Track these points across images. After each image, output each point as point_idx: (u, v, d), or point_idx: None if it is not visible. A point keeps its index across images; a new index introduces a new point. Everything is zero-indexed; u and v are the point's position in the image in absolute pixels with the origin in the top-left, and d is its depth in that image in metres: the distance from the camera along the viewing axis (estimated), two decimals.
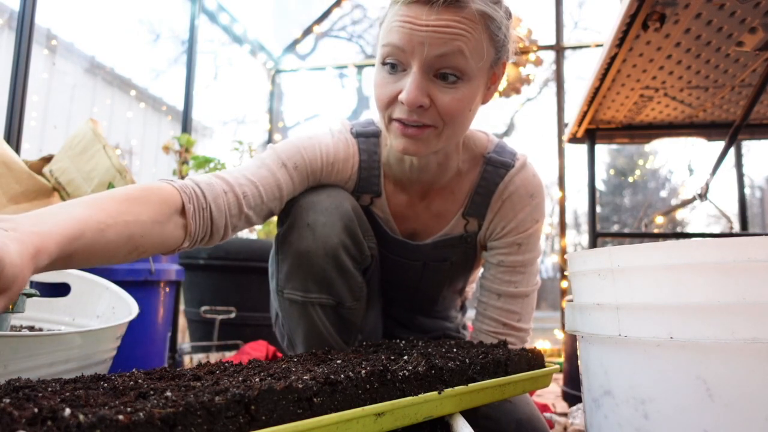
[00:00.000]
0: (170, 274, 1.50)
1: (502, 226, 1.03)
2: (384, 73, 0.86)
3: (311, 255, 0.91)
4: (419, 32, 0.80)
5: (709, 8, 1.11)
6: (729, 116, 1.83)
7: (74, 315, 1.05)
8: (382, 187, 1.03)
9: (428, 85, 0.83)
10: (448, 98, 0.83)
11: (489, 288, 1.04)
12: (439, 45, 0.80)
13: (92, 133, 1.41)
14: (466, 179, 1.04)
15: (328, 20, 3.78)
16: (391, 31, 0.82)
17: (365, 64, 3.96)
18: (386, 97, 0.86)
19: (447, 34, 0.80)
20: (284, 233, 0.95)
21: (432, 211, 1.05)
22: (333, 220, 0.91)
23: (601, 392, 0.61)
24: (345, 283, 0.95)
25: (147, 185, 0.75)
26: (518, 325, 1.03)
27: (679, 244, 0.54)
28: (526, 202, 1.02)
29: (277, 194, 0.92)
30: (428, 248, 1.06)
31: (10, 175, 1.32)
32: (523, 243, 1.02)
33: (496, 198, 1.03)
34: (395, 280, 1.11)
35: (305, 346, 0.99)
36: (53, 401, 0.43)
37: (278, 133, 3.78)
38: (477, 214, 1.04)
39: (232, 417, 0.44)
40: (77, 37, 4.02)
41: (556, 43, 3.14)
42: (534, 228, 1.03)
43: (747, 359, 0.49)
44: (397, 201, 1.05)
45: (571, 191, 3.65)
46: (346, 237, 0.92)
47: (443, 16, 0.79)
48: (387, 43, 0.83)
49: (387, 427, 0.55)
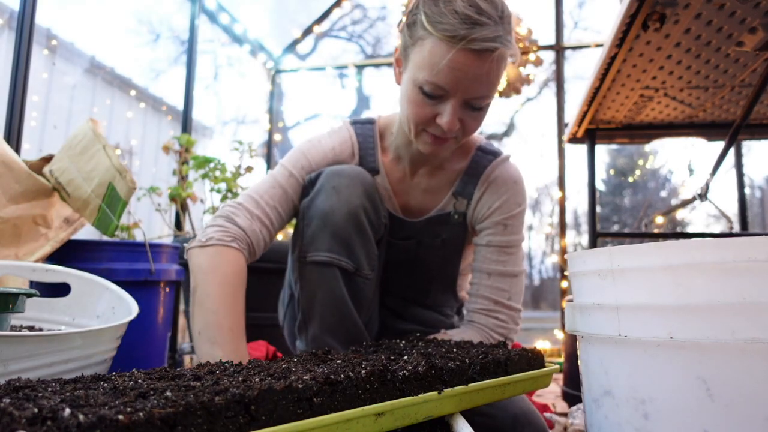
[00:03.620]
0: (170, 274, 1.50)
1: (488, 206, 1.14)
2: (421, 96, 0.97)
3: (335, 213, 1.00)
4: (465, 79, 0.92)
5: (709, 8, 1.11)
6: (729, 116, 1.83)
7: (74, 315, 1.05)
8: (379, 164, 1.17)
9: (461, 112, 0.97)
10: (475, 122, 1.01)
11: (479, 269, 1.13)
12: (478, 90, 0.94)
13: (92, 133, 1.41)
14: (457, 163, 1.18)
15: (328, 20, 3.78)
16: (440, 73, 0.92)
17: (365, 64, 3.96)
18: (424, 117, 0.99)
19: (487, 81, 0.93)
20: (311, 198, 1.04)
21: (425, 188, 1.18)
22: (355, 183, 1.02)
23: (601, 392, 0.61)
24: (363, 246, 1.03)
25: (237, 272, 0.99)
26: (508, 303, 1.10)
27: (679, 244, 0.54)
28: (510, 186, 1.14)
29: (291, 204, 1.11)
30: (422, 224, 1.17)
31: (10, 175, 1.32)
32: (509, 225, 1.13)
33: (482, 180, 1.15)
34: (391, 262, 1.18)
35: (322, 314, 1.01)
36: (53, 401, 0.43)
37: (278, 133, 3.78)
38: (465, 194, 1.16)
39: (232, 417, 0.44)
40: (77, 37, 4.01)
41: (556, 43, 3.14)
42: (518, 210, 1.14)
43: (747, 359, 0.49)
44: (394, 177, 1.18)
45: (571, 191, 3.64)
46: (366, 200, 1.03)
47: (486, 64, 0.91)
48: (433, 82, 0.93)
49: (387, 427, 0.55)
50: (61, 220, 1.44)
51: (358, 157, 1.17)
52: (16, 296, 0.78)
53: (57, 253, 1.38)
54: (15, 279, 1.22)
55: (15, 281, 1.23)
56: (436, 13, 0.91)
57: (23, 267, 1.04)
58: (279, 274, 1.43)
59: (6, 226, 1.30)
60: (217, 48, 4.45)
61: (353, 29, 8.14)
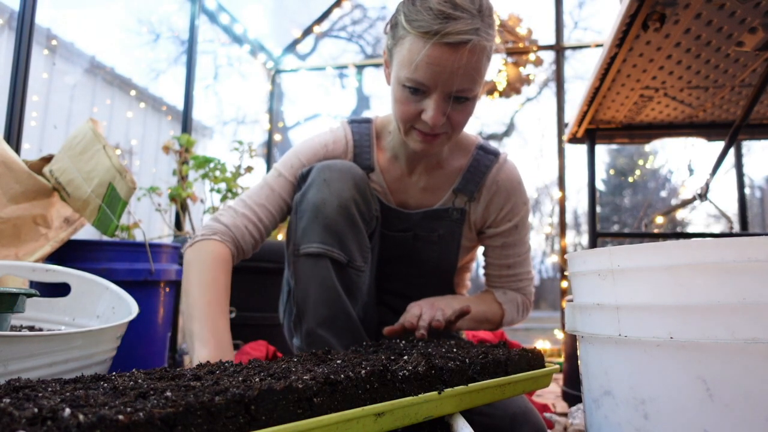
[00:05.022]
0: (170, 274, 1.49)
1: (498, 211, 1.19)
2: (406, 93, 0.99)
3: (326, 205, 1.02)
4: (443, 73, 0.93)
5: (709, 8, 1.11)
6: (729, 116, 1.83)
7: (74, 315, 1.05)
8: (374, 162, 1.19)
9: (446, 106, 0.98)
10: (461, 116, 1.01)
11: (497, 264, 1.23)
12: (458, 82, 0.95)
13: (92, 133, 1.41)
14: (457, 161, 1.20)
15: (328, 20, 3.78)
16: (418, 69, 0.94)
17: (365, 64, 3.96)
18: (410, 114, 1.01)
19: (466, 74, 0.94)
20: (303, 192, 1.06)
21: (424, 186, 1.20)
22: (346, 177, 1.05)
23: (601, 392, 0.61)
24: (355, 238, 1.05)
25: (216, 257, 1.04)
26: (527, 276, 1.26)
27: (679, 244, 0.54)
28: (515, 187, 1.19)
29: (281, 202, 1.14)
30: (418, 217, 1.19)
31: (10, 175, 1.32)
32: (519, 224, 1.21)
33: (489, 183, 1.18)
34: (387, 256, 1.20)
35: (315, 306, 1.02)
36: (53, 401, 0.43)
37: (278, 133, 3.78)
38: (466, 191, 1.19)
39: (232, 417, 0.44)
40: (77, 37, 4.02)
41: (556, 43, 3.14)
42: (525, 209, 1.21)
43: (747, 359, 0.49)
44: (391, 176, 1.20)
45: (571, 191, 3.66)
46: (357, 193, 1.05)
47: (463, 57, 0.92)
48: (413, 79, 0.95)
49: (387, 427, 0.55)
50: (61, 220, 1.44)
51: (352, 155, 1.19)
52: (16, 296, 0.78)
53: (57, 253, 1.38)
54: (15, 279, 1.22)
55: (15, 281, 1.23)
56: (412, 11, 0.94)
57: (23, 267, 1.04)
58: (278, 274, 1.44)
59: (6, 226, 1.30)
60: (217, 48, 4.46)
61: (353, 29, 8.14)
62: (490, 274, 1.25)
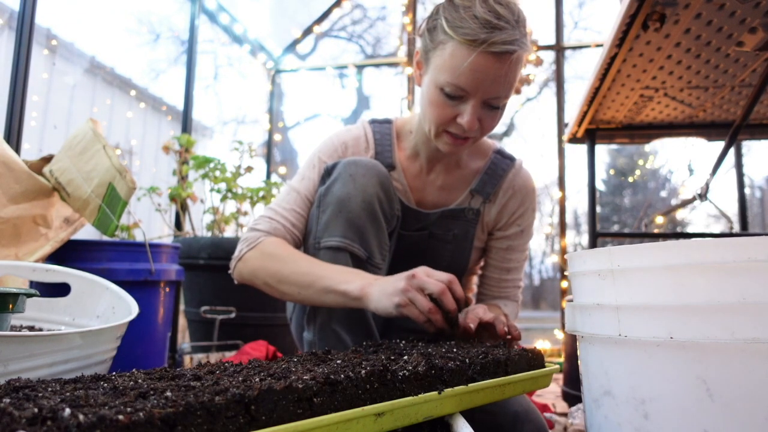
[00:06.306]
0: (170, 274, 1.49)
1: (510, 214, 1.23)
2: (442, 97, 1.01)
3: (351, 200, 1.03)
4: (486, 81, 0.96)
5: (709, 8, 1.11)
6: (729, 116, 1.83)
7: (74, 315, 1.05)
8: (396, 161, 1.21)
9: (482, 112, 1.01)
10: (492, 121, 1.05)
11: (498, 267, 1.26)
12: (497, 90, 0.98)
13: (92, 133, 1.41)
14: (474, 163, 1.23)
15: (328, 20, 3.78)
16: (461, 75, 0.96)
17: (365, 64, 3.96)
18: (445, 118, 1.03)
19: (505, 82, 0.98)
20: (328, 186, 1.07)
21: (441, 185, 1.22)
22: (371, 173, 1.06)
23: (601, 392, 0.61)
24: (376, 235, 1.06)
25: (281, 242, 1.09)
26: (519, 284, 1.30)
27: (679, 244, 0.54)
28: (530, 195, 1.24)
29: (309, 204, 1.15)
30: (435, 216, 1.21)
31: (10, 175, 1.32)
32: (525, 229, 1.25)
33: (506, 186, 1.22)
34: (401, 253, 1.21)
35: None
36: (53, 401, 0.43)
37: (278, 133, 3.78)
38: (483, 192, 1.22)
39: (232, 417, 0.44)
40: (77, 37, 4.01)
41: (556, 43, 3.14)
42: (533, 216, 1.26)
43: (747, 359, 0.49)
44: (411, 174, 1.22)
45: (571, 191, 3.65)
46: (381, 191, 1.06)
47: (505, 66, 0.95)
48: (454, 84, 0.98)
49: (387, 427, 0.55)
50: (61, 220, 1.44)
51: (373, 153, 1.21)
52: (16, 296, 0.78)
53: (57, 253, 1.38)
54: (15, 279, 1.22)
55: (15, 281, 1.23)
56: (456, 18, 0.96)
57: (23, 267, 1.04)
58: None
59: (6, 226, 1.30)
60: (217, 48, 4.45)
61: (353, 29, 8.12)
62: (488, 277, 1.27)
